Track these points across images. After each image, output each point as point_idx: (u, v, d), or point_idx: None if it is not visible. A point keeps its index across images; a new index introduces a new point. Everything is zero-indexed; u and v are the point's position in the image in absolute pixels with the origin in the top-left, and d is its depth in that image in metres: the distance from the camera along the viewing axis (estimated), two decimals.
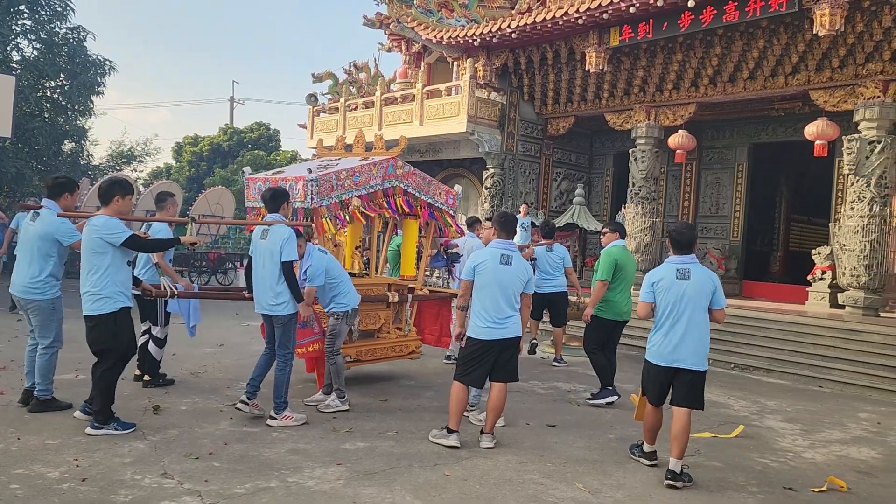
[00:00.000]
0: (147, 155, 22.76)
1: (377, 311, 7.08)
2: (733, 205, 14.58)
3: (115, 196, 5.04)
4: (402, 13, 15.04)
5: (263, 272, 5.45)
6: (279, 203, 5.63)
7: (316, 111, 18.50)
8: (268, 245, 5.41)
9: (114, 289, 4.90)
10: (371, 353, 6.95)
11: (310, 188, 6.14)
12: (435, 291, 7.92)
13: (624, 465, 4.92)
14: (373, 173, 6.65)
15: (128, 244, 4.92)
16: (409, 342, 7.33)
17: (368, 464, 4.65)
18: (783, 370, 8.96)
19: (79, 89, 17.05)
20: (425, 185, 7.25)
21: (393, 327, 7.28)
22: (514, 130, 15.10)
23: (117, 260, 4.92)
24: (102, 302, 4.88)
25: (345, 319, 6.01)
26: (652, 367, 4.79)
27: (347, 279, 6.10)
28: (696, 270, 4.69)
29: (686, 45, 11.89)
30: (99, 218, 4.94)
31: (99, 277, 4.87)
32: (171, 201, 6.57)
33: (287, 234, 5.37)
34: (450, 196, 7.56)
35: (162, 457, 4.54)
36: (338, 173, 6.37)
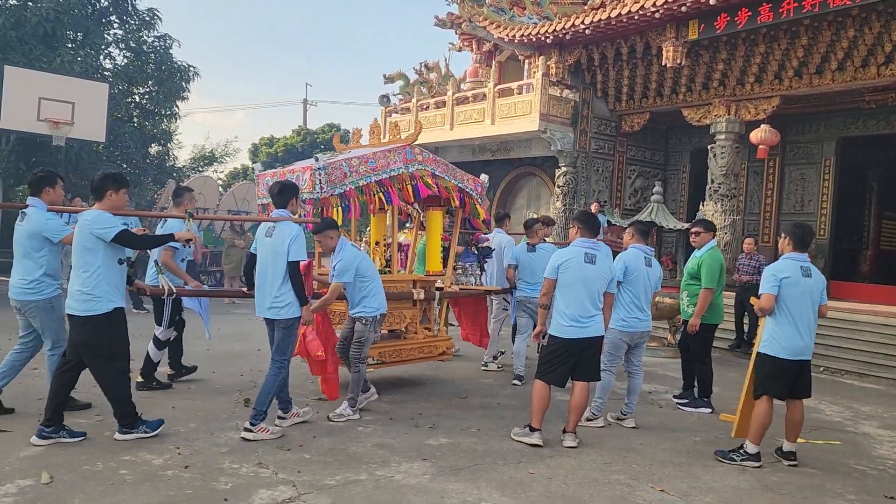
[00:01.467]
0: (227, 156, 23.63)
1: (402, 310, 6.66)
2: (819, 202, 13.98)
3: (107, 190, 4.70)
4: (473, 12, 15.07)
5: (268, 272, 5.05)
6: (287, 198, 5.21)
7: (388, 112, 18.74)
8: (273, 243, 5.02)
9: (106, 288, 4.57)
10: (396, 354, 6.55)
11: (318, 177, 5.72)
12: (465, 289, 7.40)
13: (712, 469, 4.82)
14: (390, 158, 6.24)
15: (119, 239, 4.58)
16: (438, 343, 6.93)
17: (453, 460, 4.71)
18: (877, 374, 8.57)
19: (165, 95, 17.85)
20: (451, 171, 6.85)
21: (421, 327, 6.86)
22: (587, 128, 14.92)
23: (109, 257, 4.59)
24: (94, 302, 4.53)
25: (373, 326, 5.57)
26: (780, 362, 4.85)
27: (379, 281, 5.67)
28: (813, 268, 4.93)
29: (769, 36, 11.49)
30: (91, 212, 4.65)
31: (90, 276, 4.54)
32: (187, 196, 6.36)
33: (295, 231, 5.01)
34: (477, 184, 7.16)
35: (256, 448, 4.71)
36: (349, 160, 5.97)
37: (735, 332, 10.14)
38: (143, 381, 6.16)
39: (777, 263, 4.97)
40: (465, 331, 7.91)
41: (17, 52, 14.88)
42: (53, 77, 14.08)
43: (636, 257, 5.73)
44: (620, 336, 5.72)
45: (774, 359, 4.87)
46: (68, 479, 3.99)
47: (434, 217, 7.18)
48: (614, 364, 5.81)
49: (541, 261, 6.91)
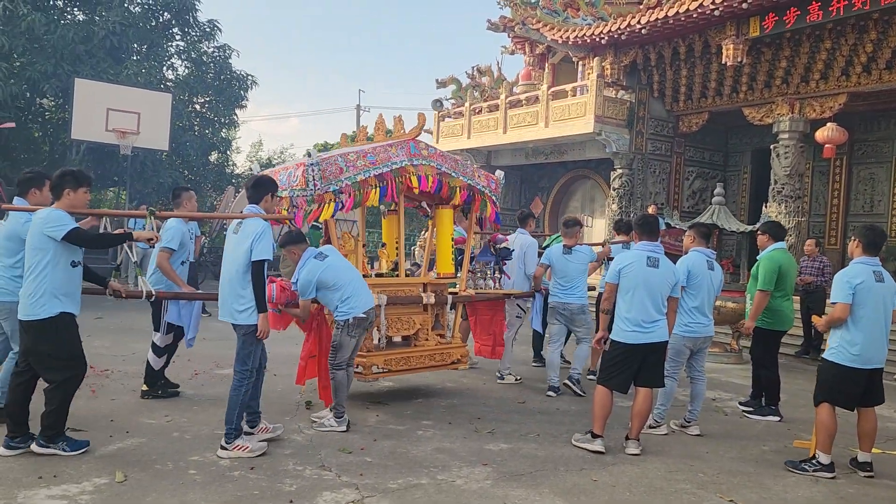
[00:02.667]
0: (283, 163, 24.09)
1: (411, 315, 6.22)
2: (890, 202, 13.42)
3: (65, 188, 4.42)
4: (526, 15, 15.03)
5: (229, 271, 4.69)
6: (261, 194, 4.84)
7: (441, 116, 18.82)
8: (238, 240, 4.66)
9: (52, 290, 4.26)
10: (403, 362, 6.12)
11: (311, 173, 5.38)
12: (482, 293, 7.02)
13: (783, 479, 4.66)
14: (392, 152, 5.90)
15: (70, 238, 4.26)
16: (452, 350, 6.51)
17: (513, 465, 4.67)
18: None
19: (224, 103, 18.35)
20: (460, 167, 6.48)
21: (433, 333, 6.44)
22: (644, 129, 14.68)
23: (59, 257, 4.28)
24: (39, 306, 4.25)
25: (346, 330, 5.16)
26: (849, 370, 4.70)
27: (353, 282, 5.22)
28: (885, 272, 4.79)
29: (836, 31, 11.11)
30: (44, 210, 4.39)
31: (35, 277, 4.26)
32: (186, 196, 6.18)
33: (261, 229, 4.60)
34: (491, 181, 6.78)
35: (318, 450, 4.77)
36: (344, 155, 5.65)
37: (802, 336, 9.81)
38: (148, 389, 5.99)
39: (849, 269, 4.79)
40: (477, 342, 7.31)
41: (86, 66, 15.51)
42: (120, 88, 14.65)
43: (699, 261, 5.60)
44: (683, 342, 5.60)
45: (843, 367, 4.69)
46: (141, 478, 4.11)
47: (444, 216, 6.72)
48: (677, 370, 5.69)
49: (577, 263, 6.76)
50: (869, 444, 4.84)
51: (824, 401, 4.76)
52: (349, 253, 6.02)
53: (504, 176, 7.10)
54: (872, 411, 4.87)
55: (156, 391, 6.00)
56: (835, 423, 4.75)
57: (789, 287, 6.31)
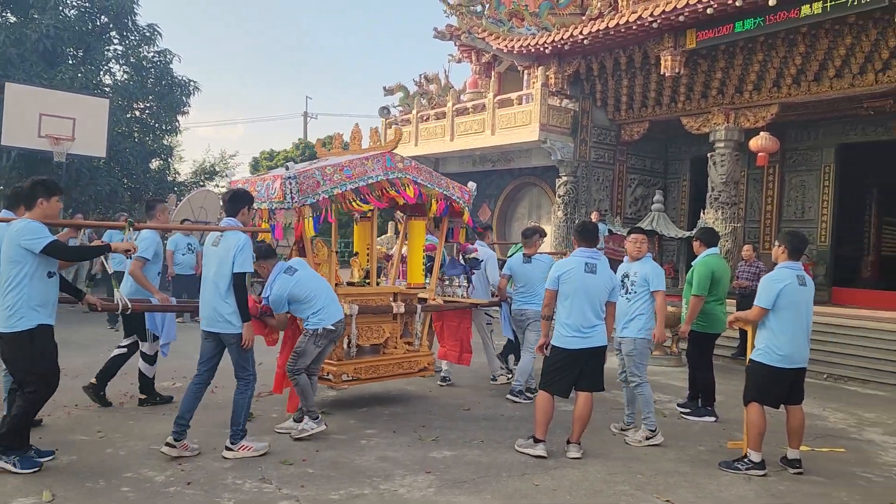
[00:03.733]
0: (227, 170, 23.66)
1: (381, 324, 6.34)
2: (820, 208, 13.99)
3: (38, 198, 4.42)
4: (472, 24, 15.16)
5: (212, 282, 4.79)
6: (238, 207, 4.94)
7: (388, 123, 18.80)
8: (219, 252, 4.78)
9: (30, 303, 4.27)
10: (372, 370, 6.21)
11: (288, 186, 5.40)
12: (450, 301, 7.19)
13: (718, 479, 4.79)
14: (368, 165, 5.97)
15: (49, 251, 4.29)
16: (420, 358, 6.61)
17: (457, 472, 4.68)
18: (881, 381, 8.53)
19: (165, 110, 17.91)
20: (434, 179, 6.59)
21: (402, 342, 6.56)
22: (587, 137, 14.96)
23: (36, 270, 4.30)
24: (17, 318, 4.24)
25: (313, 339, 5.26)
26: (776, 370, 4.88)
27: (323, 295, 5.32)
28: (807, 276, 4.99)
29: (767, 44, 11.54)
30: (19, 221, 4.37)
31: (13, 290, 4.26)
32: (160, 208, 6.26)
33: (242, 241, 4.74)
34: (464, 192, 6.93)
35: (259, 462, 4.69)
36: (322, 168, 5.70)
37: (739, 339, 10.11)
38: (147, 398, 6.14)
39: (775, 273, 4.97)
40: (443, 348, 7.43)
41: (18, 70, 14.96)
42: (54, 94, 14.14)
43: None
44: (647, 345, 5.73)
45: (770, 367, 4.86)
46: (70, 496, 3.98)
47: (416, 227, 6.89)
48: (645, 373, 5.75)
49: (537, 272, 6.84)
50: (797, 441, 5.02)
51: (753, 400, 4.93)
52: (322, 262, 6.03)
53: (476, 187, 7.22)
54: (799, 409, 5.05)
55: (154, 399, 6.13)
56: (764, 421, 4.91)
57: (722, 291, 6.51)
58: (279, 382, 5.89)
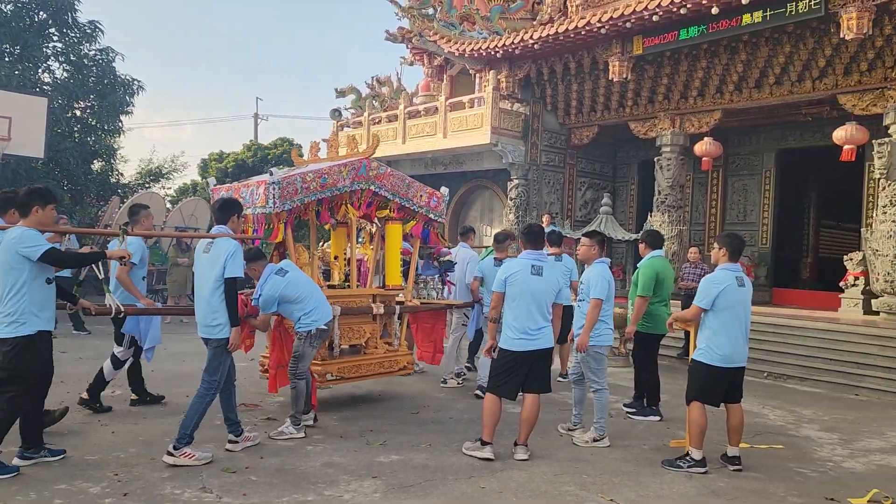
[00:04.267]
0: (174, 172, 23.13)
1: (361, 325, 6.55)
2: (761, 211, 14.42)
3: (33, 206, 4.51)
4: (424, 27, 15.15)
5: (203, 288, 4.92)
6: (228, 215, 5.13)
7: (340, 126, 18.66)
8: (210, 258, 4.90)
9: (31, 310, 4.37)
10: (355, 369, 6.41)
11: (271, 191, 5.63)
12: (427, 303, 7.46)
13: (660, 477, 4.87)
14: (342, 174, 6.12)
15: (46, 259, 4.38)
16: (399, 357, 6.83)
17: (403, 477, 4.65)
18: (818, 378, 8.82)
19: (108, 109, 17.35)
20: (403, 188, 6.73)
21: (381, 342, 6.77)
22: (538, 141, 15.10)
23: (35, 276, 4.41)
24: (17, 325, 4.34)
25: (309, 341, 5.45)
26: (716, 370, 4.97)
27: (314, 296, 5.51)
28: (745, 277, 5.10)
29: (710, 51, 11.84)
30: (16, 229, 4.44)
31: (14, 297, 4.35)
32: (144, 213, 6.26)
33: (233, 248, 4.87)
34: (434, 198, 7.07)
35: (200, 471, 4.58)
36: (303, 175, 5.87)
37: (684, 339, 10.32)
38: (89, 399, 6.02)
39: (715, 275, 5.09)
40: (419, 349, 7.63)
41: None
42: None
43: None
44: (602, 350, 5.76)
45: (710, 367, 4.98)
46: None
47: (393, 231, 7.03)
48: (604, 378, 5.79)
49: None
50: (737, 438, 5.14)
51: (695, 399, 5.03)
52: (304, 265, 6.17)
53: (448, 192, 7.34)
54: (739, 407, 5.17)
55: (95, 403, 6.05)
56: (705, 420, 5.02)
57: (666, 293, 6.63)
58: (273, 383, 6.00)
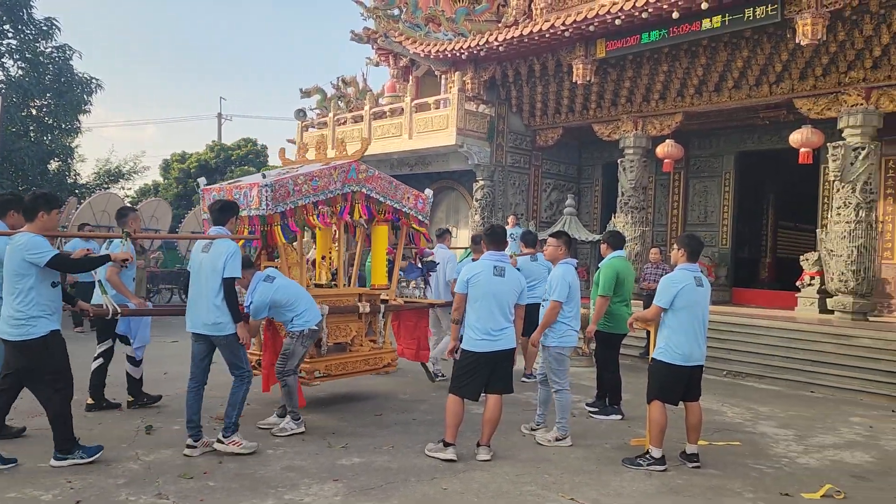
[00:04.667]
0: (135, 172, 22.66)
1: (347, 323, 6.72)
2: (721, 213, 14.69)
3: (39, 211, 4.63)
4: (389, 28, 15.12)
5: (203, 287, 5.06)
6: (227, 216, 5.29)
7: (304, 126, 18.51)
8: (210, 258, 5.05)
9: (40, 312, 4.53)
10: (342, 367, 6.58)
11: (264, 194, 5.77)
12: (410, 302, 7.67)
13: (621, 475, 4.92)
14: (333, 177, 6.28)
15: (52, 264, 4.53)
16: (383, 355, 7.02)
17: (365, 479, 4.63)
18: (775, 376, 9.01)
19: (65, 108, 16.91)
20: (391, 190, 6.92)
21: (366, 340, 6.96)
22: (503, 142, 15.17)
23: (42, 279, 4.54)
24: (28, 327, 4.50)
25: (300, 340, 5.62)
26: (675, 368, 5.05)
27: (303, 298, 5.68)
28: (703, 277, 5.20)
29: (671, 55, 12.02)
30: (22, 235, 4.56)
31: (23, 301, 4.49)
32: (132, 216, 6.32)
33: (232, 249, 5.07)
34: (419, 200, 7.26)
35: (156, 477, 4.50)
36: (295, 178, 6.00)
37: (646, 339, 10.46)
38: (134, 399, 6.37)
39: (674, 275, 5.17)
40: (401, 346, 7.75)
41: None
42: None
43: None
44: (565, 351, 5.77)
45: (670, 366, 5.06)
46: None
47: (379, 232, 7.23)
48: (567, 379, 5.80)
49: None
50: (695, 436, 5.22)
51: (655, 398, 5.10)
52: (293, 265, 6.33)
53: (433, 194, 7.55)
54: (697, 405, 5.25)
55: (142, 399, 6.36)
56: (665, 418, 5.09)
57: (627, 293, 6.71)
58: (266, 381, 6.09)
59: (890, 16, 9.72)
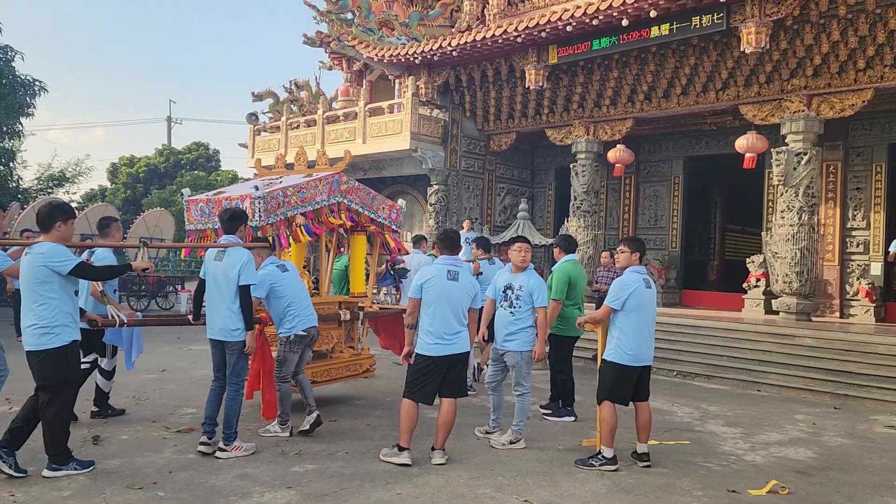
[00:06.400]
0: (79, 176, 22.00)
1: (329, 331, 6.88)
2: (671, 216, 15.01)
3: (56, 222, 4.63)
4: (342, 31, 15.06)
5: (219, 295, 5.21)
6: (237, 224, 5.45)
7: (257, 130, 18.29)
8: (224, 267, 5.19)
9: (63, 321, 4.53)
10: (326, 373, 6.76)
11: (257, 206, 5.98)
12: (384, 308, 7.86)
13: (574, 476, 4.98)
14: (318, 189, 6.53)
15: (76, 272, 4.56)
16: (362, 361, 7.19)
17: (319, 486, 4.58)
18: (723, 376, 9.24)
19: (6, 111, 16.36)
20: (369, 200, 7.17)
21: (345, 346, 7.11)
22: (457, 147, 15.24)
23: (64, 290, 4.57)
24: (51, 336, 4.48)
25: (289, 346, 5.70)
26: (625, 368, 5.13)
27: (302, 301, 5.78)
28: (651, 280, 5.33)
29: (621, 62, 12.26)
30: (43, 245, 4.56)
31: (45, 309, 4.48)
32: (115, 226, 6.21)
33: (246, 257, 5.20)
34: (393, 210, 7.49)
35: (103, 488, 4.37)
36: (284, 189, 6.22)
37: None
38: (99, 410, 6.24)
39: (625, 277, 5.25)
40: (384, 341, 7.86)
41: None
42: None
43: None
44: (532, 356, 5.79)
45: (620, 366, 5.14)
46: None
47: (358, 241, 7.42)
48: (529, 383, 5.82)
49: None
50: (645, 435, 5.32)
51: (606, 399, 5.18)
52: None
53: (406, 204, 7.71)
54: (646, 405, 5.35)
55: (107, 410, 6.28)
56: (616, 419, 5.17)
57: (579, 296, 6.80)
58: (250, 388, 6.03)
59: (829, 26, 10.10)
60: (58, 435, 4.57)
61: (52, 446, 4.55)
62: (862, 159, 12.38)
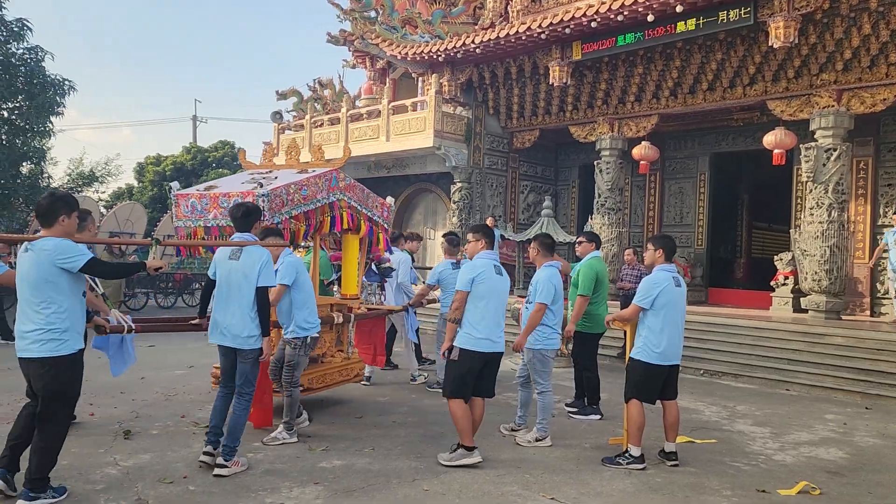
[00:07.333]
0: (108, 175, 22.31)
1: (322, 335, 6.42)
2: (696, 213, 14.85)
3: (60, 215, 4.11)
4: (366, 30, 15.10)
5: (234, 298, 4.81)
6: (252, 221, 5.04)
7: (281, 128, 18.42)
8: (241, 267, 4.80)
9: (72, 326, 4.05)
10: (322, 379, 6.46)
11: (262, 204, 5.60)
12: (372, 309, 7.64)
13: (601, 474, 4.96)
14: (319, 186, 6.25)
15: (88, 269, 4.07)
16: (353, 365, 6.97)
17: (346, 482, 4.61)
18: (751, 375, 9.13)
19: (37, 110, 16.62)
20: (364, 198, 6.96)
21: (336, 350, 6.88)
22: (481, 144, 15.22)
23: (73, 290, 4.07)
24: (59, 343, 3.98)
25: (303, 349, 5.51)
26: (653, 367, 5.10)
27: (314, 301, 5.60)
28: (681, 278, 5.27)
29: (647, 58, 12.15)
30: (47, 240, 4.01)
31: (53, 312, 3.96)
32: (90, 220, 5.77)
33: (265, 256, 4.86)
34: (385, 209, 7.31)
35: (135, 482, 4.44)
36: (287, 187, 5.91)
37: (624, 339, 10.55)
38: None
39: (654, 276, 5.22)
40: (360, 352, 7.56)
41: None
42: None
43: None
44: (550, 353, 5.82)
45: (648, 364, 5.11)
46: None
47: (350, 242, 7.18)
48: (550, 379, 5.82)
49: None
50: (673, 434, 5.28)
51: (633, 397, 5.14)
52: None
53: (395, 202, 7.70)
54: (674, 404, 5.31)
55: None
56: (643, 417, 5.13)
57: (604, 293, 6.77)
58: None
59: (859, 19, 9.92)
60: (51, 456, 4.07)
61: (39, 469, 3.99)
62: (894, 155, 12.14)
